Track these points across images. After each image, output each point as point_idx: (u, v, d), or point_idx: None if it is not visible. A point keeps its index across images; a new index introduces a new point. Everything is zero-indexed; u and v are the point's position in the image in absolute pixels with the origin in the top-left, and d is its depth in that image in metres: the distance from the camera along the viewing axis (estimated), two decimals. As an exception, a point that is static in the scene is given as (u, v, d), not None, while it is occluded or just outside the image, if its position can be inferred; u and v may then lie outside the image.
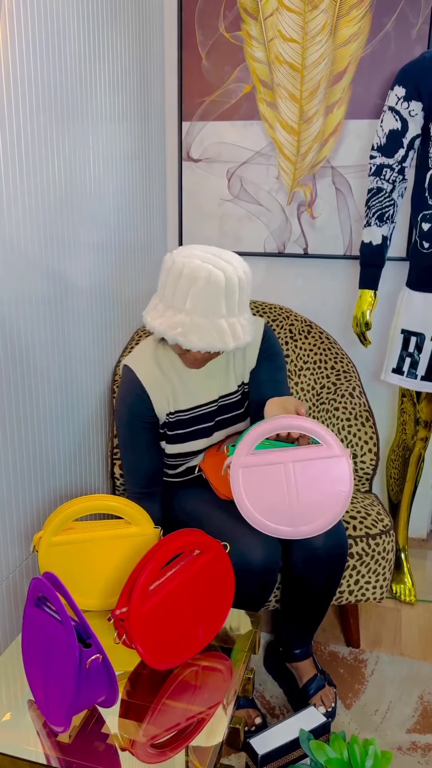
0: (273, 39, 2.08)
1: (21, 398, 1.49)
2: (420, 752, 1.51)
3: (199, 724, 1.06)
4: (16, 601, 1.53)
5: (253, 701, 1.58)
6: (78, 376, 1.75)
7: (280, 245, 2.26)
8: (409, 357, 1.90)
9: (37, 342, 1.54)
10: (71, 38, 1.57)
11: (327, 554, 1.48)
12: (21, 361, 1.48)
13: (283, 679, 1.69)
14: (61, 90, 1.55)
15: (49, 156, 1.52)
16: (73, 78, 1.60)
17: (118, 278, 1.96)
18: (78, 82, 1.63)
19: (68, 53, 1.57)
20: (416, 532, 2.44)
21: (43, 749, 1.01)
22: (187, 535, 1.19)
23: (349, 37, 2.03)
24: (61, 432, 1.68)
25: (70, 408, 1.72)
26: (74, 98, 1.61)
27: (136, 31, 1.95)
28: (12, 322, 1.43)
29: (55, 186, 1.56)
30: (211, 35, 2.13)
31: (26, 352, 1.50)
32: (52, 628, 1.04)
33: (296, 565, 1.50)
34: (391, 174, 1.84)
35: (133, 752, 1.00)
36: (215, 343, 1.34)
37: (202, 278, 1.30)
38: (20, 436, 1.50)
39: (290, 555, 1.50)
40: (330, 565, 1.49)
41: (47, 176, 1.52)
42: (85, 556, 1.29)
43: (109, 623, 1.20)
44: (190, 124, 2.22)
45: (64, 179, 1.60)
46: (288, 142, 2.16)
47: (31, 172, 1.45)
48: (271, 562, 1.41)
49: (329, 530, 1.48)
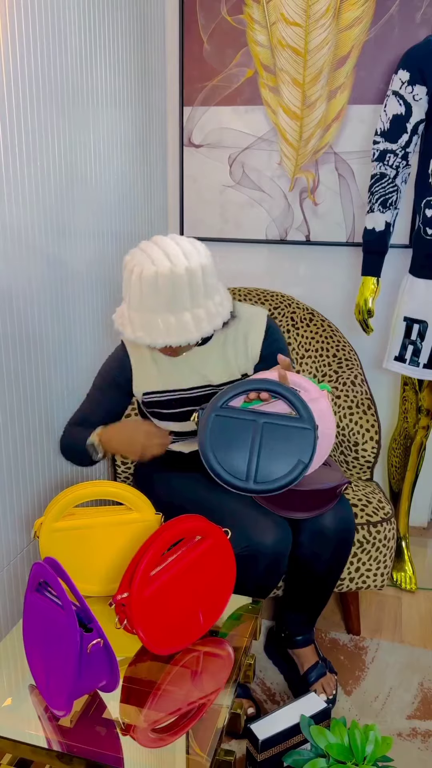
0: (276, 23, 2.05)
1: (22, 385, 1.48)
2: (420, 738, 1.51)
3: (199, 709, 1.06)
4: (17, 587, 1.53)
5: (248, 690, 1.59)
6: (79, 363, 1.75)
7: (282, 232, 2.25)
8: (412, 345, 1.89)
9: (38, 329, 1.53)
10: (72, 23, 1.56)
11: (335, 534, 1.48)
12: (22, 348, 1.47)
13: (284, 666, 1.69)
14: (62, 75, 1.53)
15: (49, 142, 1.50)
16: (73, 63, 1.58)
17: (118, 265, 1.94)
18: (78, 67, 1.61)
19: (69, 38, 1.55)
20: (417, 521, 2.45)
21: (45, 733, 1.01)
22: (188, 521, 1.18)
23: (353, 21, 2.00)
24: (62, 419, 1.67)
25: (71, 394, 1.72)
26: (74, 84, 1.59)
27: (136, 15, 1.93)
28: (13, 309, 1.42)
29: (55, 172, 1.54)
30: (213, 19, 2.11)
31: (27, 339, 1.49)
32: (53, 613, 1.04)
33: (303, 544, 1.49)
34: (395, 159, 1.82)
35: (134, 737, 1.01)
36: (159, 339, 1.31)
37: (135, 273, 1.29)
38: (21, 423, 1.50)
39: (298, 534, 1.49)
40: (337, 545, 1.49)
41: (48, 163, 1.50)
42: (86, 542, 1.28)
43: (110, 608, 1.20)
44: (191, 109, 2.20)
45: (65, 165, 1.58)
46: (290, 127, 2.14)
47: (32, 158, 1.44)
48: (281, 547, 1.41)
49: (339, 511, 1.48)
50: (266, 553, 1.38)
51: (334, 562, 1.52)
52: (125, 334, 1.36)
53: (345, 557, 1.53)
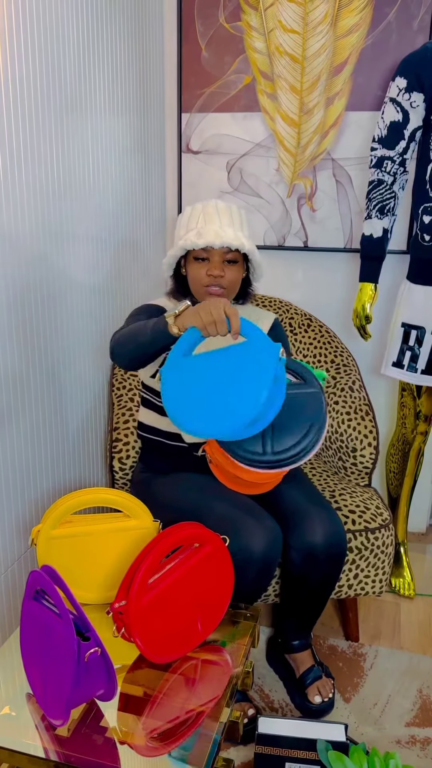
0: (273, 30, 2.06)
1: (19, 391, 1.48)
2: (419, 746, 1.51)
3: (198, 717, 1.05)
4: (15, 595, 1.53)
5: (246, 694, 1.58)
6: (76, 369, 1.75)
7: (280, 238, 2.25)
8: (410, 350, 1.89)
9: (35, 334, 1.53)
10: (70, 30, 1.56)
11: (325, 553, 1.47)
12: (19, 353, 1.47)
13: (282, 671, 1.69)
14: (60, 81, 1.53)
15: (48, 148, 1.50)
16: (72, 70, 1.58)
17: (117, 271, 1.95)
18: (77, 73, 1.61)
19: (67, 44, 1.55)
20: (415, 527, 2.44)
21: (42, 743, 1.00)
22: (186, 529, 1.18)
23: (350, 28, 2.01)
24: (59, 425, 1.67)
25: (69, 401, 1.72)
26: (73, 90, 1.60)
27: (135, 22, 1.93)
28: (10, 314, 1.42)
29: (54, 179, 1.54)
30: (211, 26, 2.11)
31: (24, 344, 1.49)
32: (51, 621, 1.03)
33: (294, 563, 1.49)
34: (392, 166, 1.83)
35: (131, 746, 1.00)
36: (228, 238, 1.46)
37: (206, 203, 1.53)
38: (18, 430, 1.49)
39: (288, 552, 1.49)
40: (328, 563, 1.49)
41: (46, 169, 1.51)
42: (85, 550, 1.28)
43: (108, 616, 1.20)
44: (189, 115, 2.20)
45: (63, 172, 1.59)
46: (288, 134, 2.14)
47: (30, 164, 1.44)
48: (272, 553, 1.41)
49: (329, 528, 1.47)
50: (257, 559, 1.38)
51: (326, 578, 1.52)
52: (191, 240, 1.48)
53: (337, 572, 1.53)
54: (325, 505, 1.53)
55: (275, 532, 1.43)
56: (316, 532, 1.47)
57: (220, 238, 1.47)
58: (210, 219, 1.51)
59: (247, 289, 1.66)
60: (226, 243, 1.47)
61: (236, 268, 1.53)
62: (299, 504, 1.52)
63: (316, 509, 1.50)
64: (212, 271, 1.50)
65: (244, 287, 1.64)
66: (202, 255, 1.50)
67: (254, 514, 1.44)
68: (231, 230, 1.50)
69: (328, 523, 1.49)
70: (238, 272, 1.54)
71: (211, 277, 1.51)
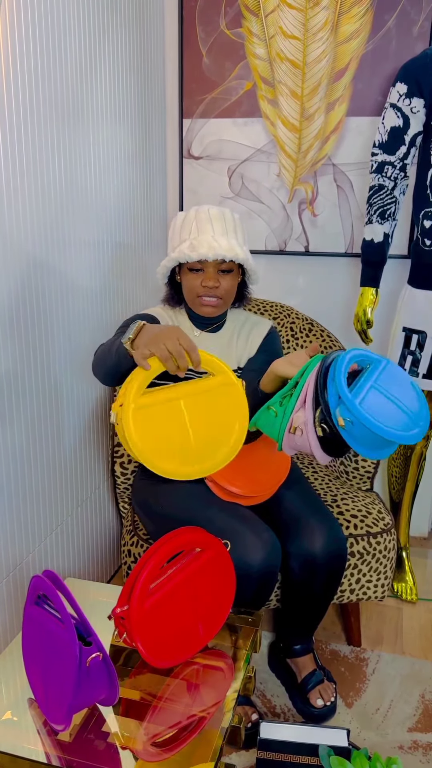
0: (274, 36, 2.07)
1: (21, 396, 1.49)
2: (421, 751, 1.50)
3: (200, 722, 1.05)
4: (17, 599, 1.53)
5: (249, 698, 1.58)
6: (77, 374, 1.75)
7: (281, 243, 2.25)
8: (411, 355, 1.90)
9: (38, 339, 1.53)
10: (72, 35, 1.57)
11: (325, 561, 1.47)
12: (25, 360, 1.47)
13: (284, 676, 1.68)
14: (62, 87, 1.54)
15: (49, 154, 1.51)
16: (73, 75, 1.59)
17: (118, 276, 1.95)
18: (78, 79, 1.62)
19: (69, 50, 1.56)
20: (417, 531, 2.44)
21: (44, 748, 1.00)
22: (188, 533, 1.18)
23: (351, 34, 2.02)
24: (65, 431, 1.68)
25: (71, 405, 1.72)
26: (75, 96, 1.61)
27: (136, 28, 1.94)
28: (12, 319, 1.43)
29: (55, 184, 1.55)
30: (212, 32, 2.12)
31: (28, 351, 1.49)
32: (53, 626, 1.03)
33: (294, 571, 1.49)
34: (393, 171, 1.84)
35: (133, 751, 1.00)
36: (222, 249, 1.45)
37: (198, 210, 1.52)
38: (19, 434, 1.50)
39: (288, 561, 1.49)
40: (328, 571, 1.49)
41: (48, 174, 1.51)
42: (177, 417, 1.18)
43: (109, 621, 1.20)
44: (191, 121, 2.21)
45: (65, 177, 1.59)
46: (289, 139, 2.15)
47: (32, 170, 1.45)
48: (271, 565, 1.40)
49: (328, 536, 1.47)
50: (255, 572, 1.38)
51: (327, 586, 1.51)
52: (185, 254, 1.47)
53: (338, 579, 1.53)
54: (325, 513, 1.53)
55: (273, 545, 1.42)
56: (315, 541, 1.47)
57: (213, 250, 1.46)
58: (203, 228, 1.49)
59: (243, 292, 1.66)
60: (220, 255, 1.46)
61: (231, 277, 1.54)
62: (299, 512, 1.51)
63: (315, 518, 1.50)
64: (207, 282, 1.50)
65: (240, 290, 1.65)
66: (196, 266, 1.50)
67: (252, 525, 1.42)
68: (225, 240, 1.49)
69: (328, 533, 1.48)
70: (233, 281, 1.55)
71: (206, 288, 1.51)
